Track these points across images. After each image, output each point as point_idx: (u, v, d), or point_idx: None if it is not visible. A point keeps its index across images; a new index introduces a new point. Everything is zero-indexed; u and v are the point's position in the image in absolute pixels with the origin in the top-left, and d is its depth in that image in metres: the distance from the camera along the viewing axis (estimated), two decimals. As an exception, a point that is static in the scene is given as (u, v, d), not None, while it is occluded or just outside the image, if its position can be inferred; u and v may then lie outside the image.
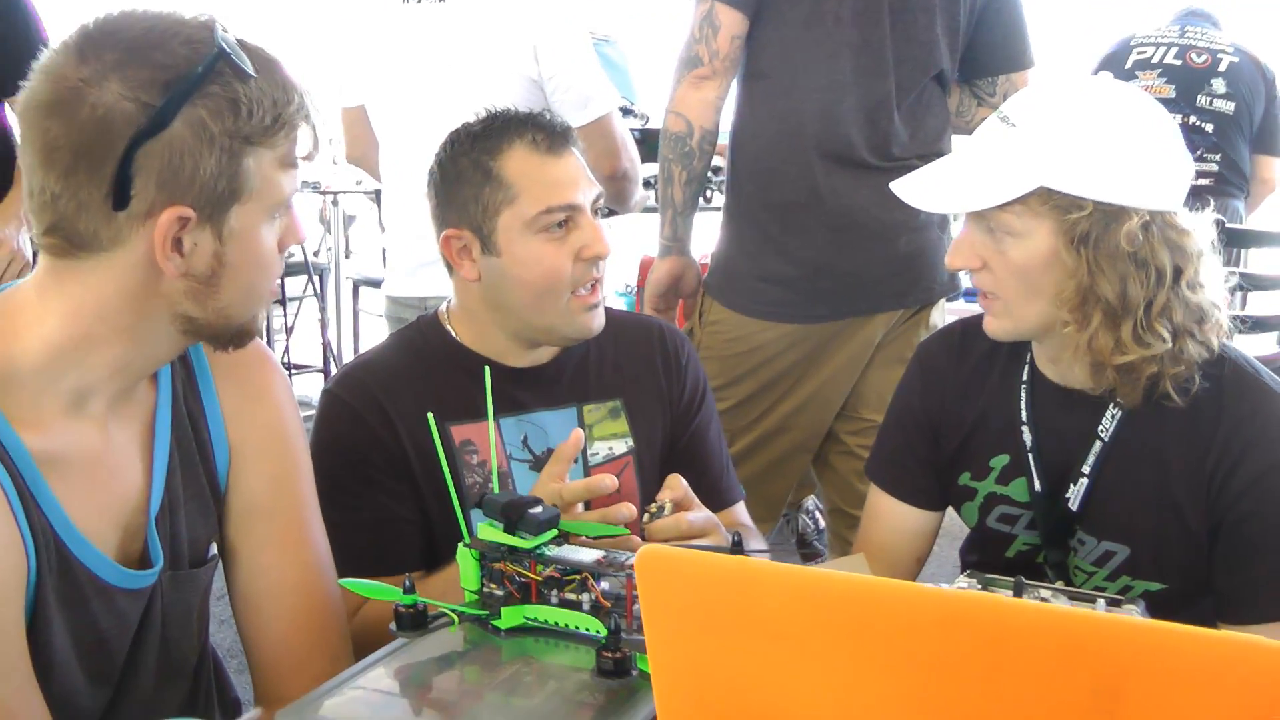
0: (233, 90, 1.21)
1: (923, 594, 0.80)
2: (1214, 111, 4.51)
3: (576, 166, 1.83)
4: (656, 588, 0.88)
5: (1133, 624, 0.75)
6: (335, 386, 1.89)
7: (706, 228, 2.89)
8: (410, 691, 1.23)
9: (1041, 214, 1.58)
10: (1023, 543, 1.81)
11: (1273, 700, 0.70)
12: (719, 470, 2.03)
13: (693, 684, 0.89)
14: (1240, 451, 1.62)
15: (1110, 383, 1.64)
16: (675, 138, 2.61)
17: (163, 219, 1.20)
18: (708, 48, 2.54)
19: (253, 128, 1.22)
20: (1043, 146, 1.58)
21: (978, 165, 1.65)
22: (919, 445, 1.90)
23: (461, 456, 1.84)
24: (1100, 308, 1.58)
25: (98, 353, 1.27)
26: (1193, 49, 4.54)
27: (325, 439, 1.84)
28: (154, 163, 1.19)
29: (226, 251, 1.26)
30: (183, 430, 1.43)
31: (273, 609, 1.50)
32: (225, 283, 1.27)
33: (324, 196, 6.52)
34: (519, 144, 1.80)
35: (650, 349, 2.03)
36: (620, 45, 5.57)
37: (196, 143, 1.20)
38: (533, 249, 1.79)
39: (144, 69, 1.18)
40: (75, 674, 1.31)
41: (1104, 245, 1.56)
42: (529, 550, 1.32)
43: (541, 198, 1.78)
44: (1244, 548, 1.64)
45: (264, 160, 1.25)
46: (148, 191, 1.20)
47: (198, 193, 1.21)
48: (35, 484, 1.24)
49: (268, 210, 1.28)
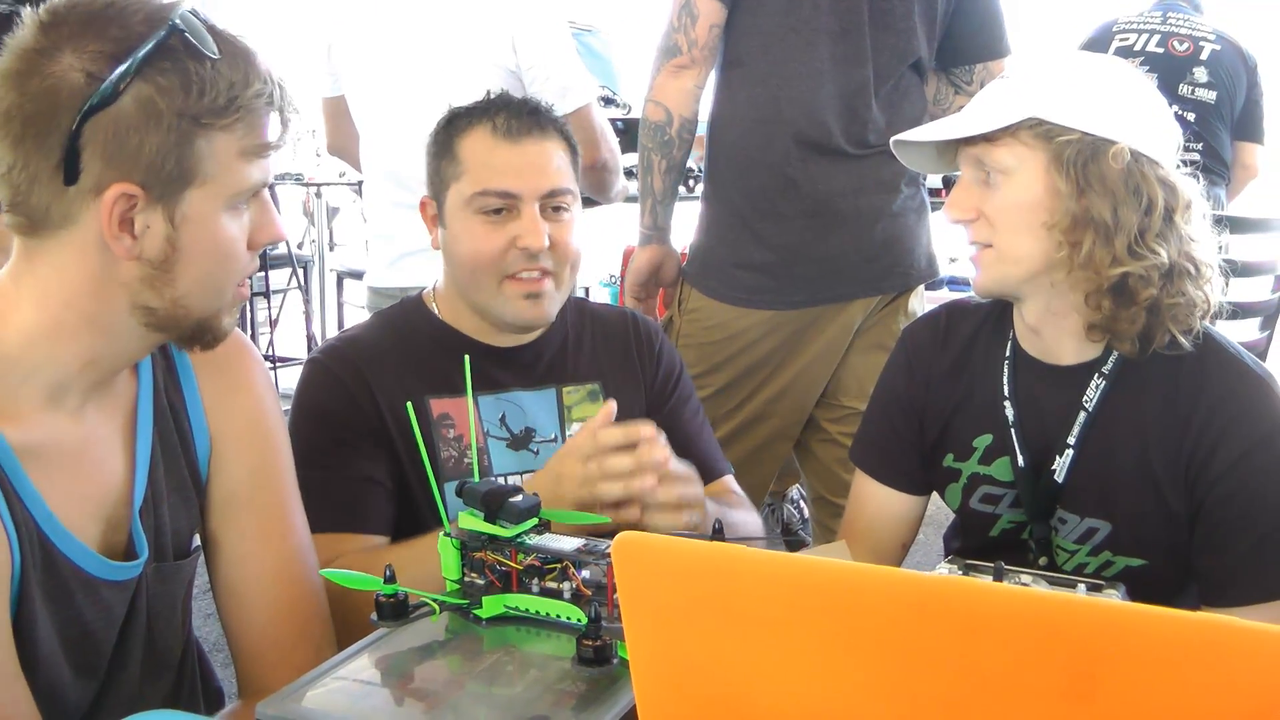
0: (185, 69, 1.20)
1: (900, 579, 0.80)
2: (1196, 100, 4.52)
3: (531, 157, 1.84)
4: (634, 575, 0.88)
5: (1108, 606, 0.75)
6: (320, 354, 1.93)
7: (686, 217, 2.89)
8: (391, 681, 1.23)
9: (1032, 145, 1.62)
10: (1007, 521, 1.82)
11: (1248, 681, 0.70)
12: (703, 445, 2.04)
13: (671, 670, 0.89)
14: (1219, 433, 1.63)
15: (1107, 318, 1.64)
16: (654, 126, 2.61)
17: (108, 195, 1.20)
18: (686, 36, 2.54)
19: (203, 108, 1.21)
20: (1034, 85, 1.64)
21: (973, 111, 1.70)
22: (903, 429, 1.91)
23: (439, 430, 1.86)
24: (1093, 227, 1.60)
25: (68, 344, 1.27)
26: (1174, 36, 4.55)
27: (306, 403, 1.87)
28: (100, 136, 1.18)
29: (179, 236, 1.24)
30: (164, 422, 1.43)
31: (255, 600, 1.50)
32: (180, 270, 1.26)
33: (307, 189, 6.51)
34: (481, 125, 1.85)
35: (626, 337, 2.06)
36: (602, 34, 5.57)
37: (143, 118, 1.19)
38: (468, 227, 1.84)
39: (96, 41, 1.18)
40: (61, 667, 1.31)
41: (1093, 168, 1.59)
42: (510, 539, 1.32)
43: (481, 179, 1.82)
44: (1223, 529, 1.65)
45: (219, 144, 1.23)
46: (94, 166, 1.19)
47: (144, 170, 1.20)
48: (16, 476, 1.24)
49: (226, 198, 1.26)
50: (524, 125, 1.84)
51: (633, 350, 2.05)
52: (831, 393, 2.76)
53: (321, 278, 6.25)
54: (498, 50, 2.77)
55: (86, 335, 1.27)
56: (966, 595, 0.78)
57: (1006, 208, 1.65)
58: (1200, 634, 0.71)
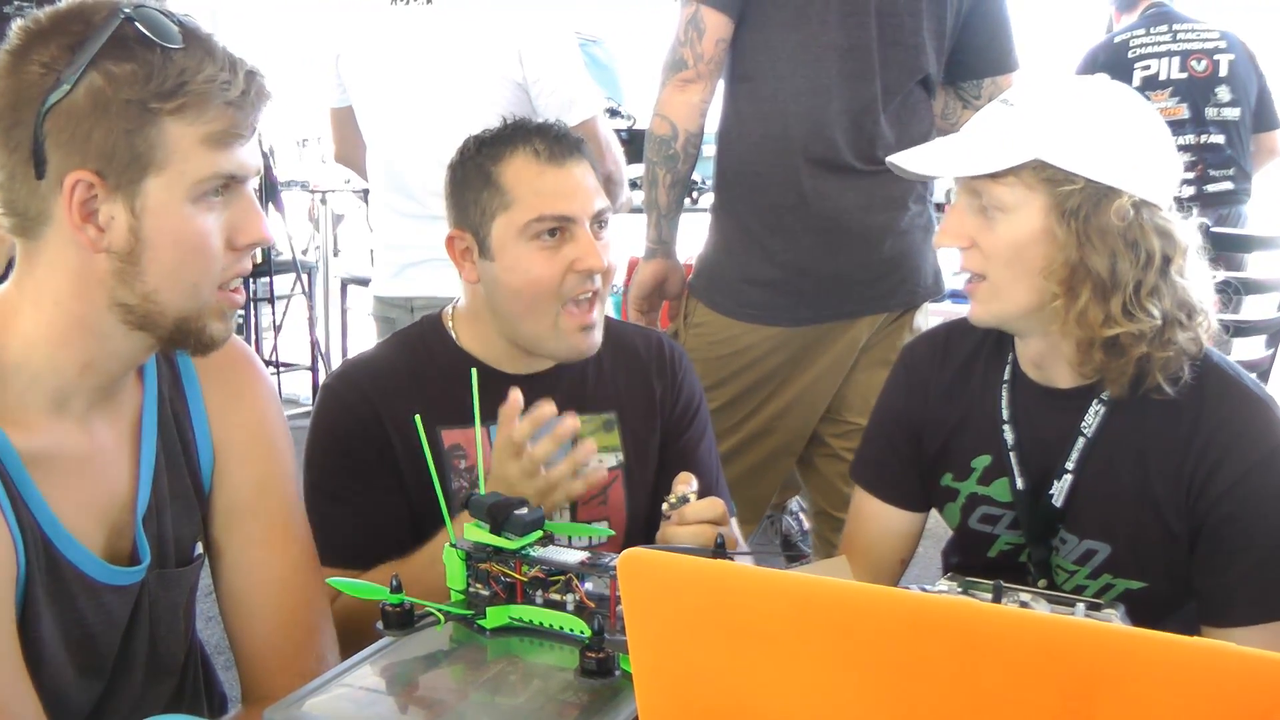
0: (135, 56, 1.22)
1: (900, 598, 0.81)
2: (1223, 121, 4.58)
3: (578, 178, 1.82)
4: (639, 590, 0.89)
5: (1105, 630, 0.76)
6: (333, 380, 1.92)
7: (691, 230, 2.90)
8: (396, 690, 1.24)
9: (1034, 187, 1.60)
10: (1005, 542, 1.82)
11: (1244, 706, 0.71)
12: (709, 483, 2.01)
13: (674, 685, 0.90)
14: (1220, 454, 1.63)
15: (1097, 367, 1.64)
16: (659, 140, 2.60)
17: (66, 183, 1.21)
18: (693, 51, 2.53)
19: (149, 93, 1.22)
20: (1039, 122, 1.61)
21: (974, 139, 1.67)
22: (902, 447, 1.91)
23: (450, 460, 1.84)
24: (1090, 281, 1.59)
25: (64, 348, 1.28)
26: (1191, 54, 4.59)
27: (318, 431, 1.86)
28: (57, 127, 1.21)
29: (141, 226, 1.25)
30: (168, 431, 1.44)
31: (259, 607, 1.51)
32: (147, 263, 1.26)
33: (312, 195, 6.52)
34: (521, 151, 1.80)
35: (648, 359, 2.03)
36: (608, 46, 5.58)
37: (93, 106, 1.20)
38: (523, 256, 1.79)
39: (58, 37, 1.21)
40: (65, 669, 1.32)
41: (1094, 221, 1.57)
42: (514, 551, 1.33)
43: (534, 206, 1.78)
44: (1223, 550, 1.65)
45: (171, 131, 1.23)
46: (55, 157, 1.21)
47: (96, 157, 1.22)
48: (22, 482, 1.25)
49: (188, 187, 1.26)
50: (563, 148, 1.81)
51: (653, 375, 2.02)
52: (836, 408, 2.75)
53: (326, 284, 6.27)
54: (504, 62, 2.78)
55: (78, 337, 1.28)
56: (965, 616, 0.79)
57: (1002, 245, 1.63)
58: (1197, 658, 0.72)
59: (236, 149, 1.28)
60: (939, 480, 1.87)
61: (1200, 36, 4.61)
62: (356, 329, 6.18)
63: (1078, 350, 1.65)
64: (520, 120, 1.88)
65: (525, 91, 2.80)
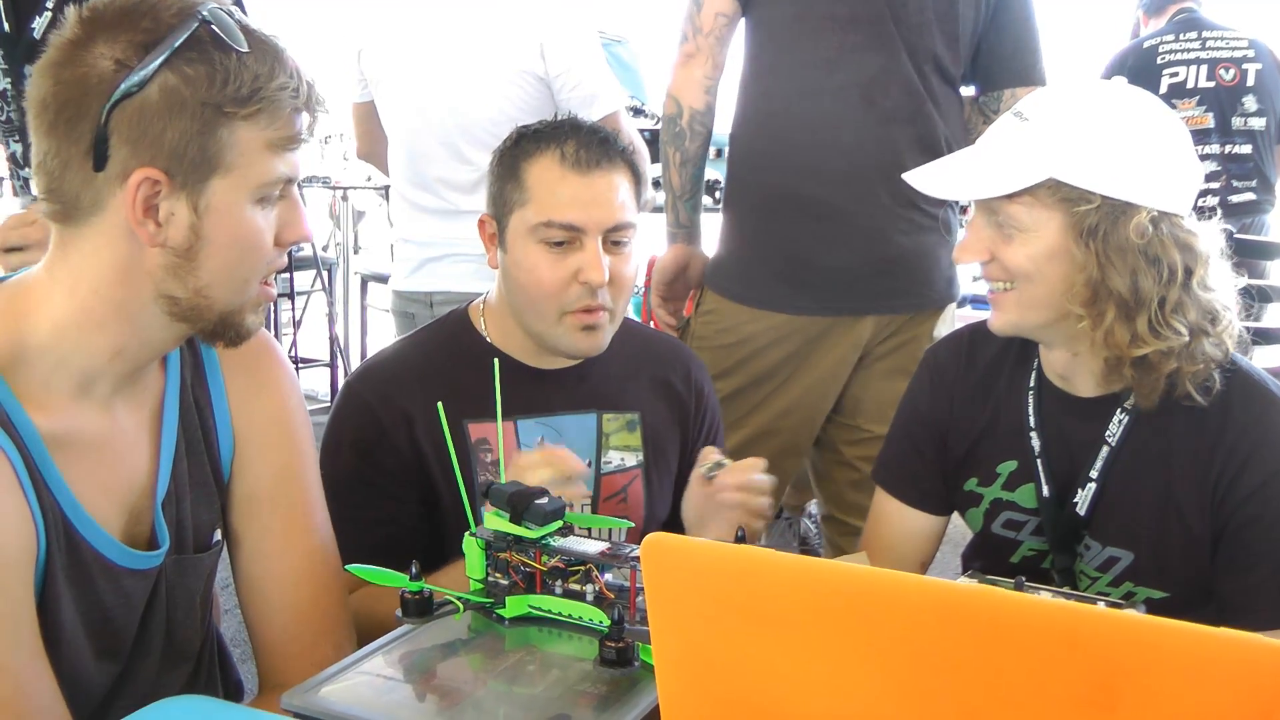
0: (210, 59, 1.23)
1: (924, 585, 0.80)
2: (1249, 131, 4.57)
3: (599, 190, 1.80)
4: (661, 575, 0.88)
5: (1130, 619, 0.76)
6: (355, 380, 1.91)
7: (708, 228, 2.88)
8: (413, 678, 1.24)
9: (1050, 206, 1.58)
10: (1028, 548, 1.82)
11: (1268, 696, 0.71)
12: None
13: (696, 670, 0.90)
14: (1245, 457, 1.63)
15: (1127, 382, 1.63)
16: (667, 120, 2.59)
17: (132, 179, 1.22)
18: (692, 24, 2.52)
19: (225, 97, 1.23)
20: (1054, 140, 1.59)
21: (989, 156, 1.65)
22: (926, 449, 1.90)
23: (476, 455, 1.84)
24: (1113, 301, 1.58)
25: (97, 333, 1.29)
26: (1219, 63, 4.57)
27: (337, 433, 1.86)
28: (126, 123, 1.21)
29: (203, 225, 1.26)
30: (189, 419, 1.44)
31: (277, 596, 1.51)
32: (204, 259, 1.28)
33: (334, 191, 6.54)
34: (550, 152, 1.81)
35: (672, 375, 2.04)
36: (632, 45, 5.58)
37: (166, 106, 1.21)
38: (530, 256, 1.81)
39: (128, 33, 1.22)
40: (83, 649, 1.33)
41: (1113, 239, 1.56)
42: (534, 540, 1.33)
43: (546, 210, 1.79)
44: (1246, 553, 1.64)
45: (242, 134, 1.25)
46: (121, 152, 1.22)
47: (167, 156, 1.23)
48: (44, 463, 1.26)
49: (251, 190, 1.28)
50: (593, 156, 1.80)
51: (678, 389, 2.03)
52: (850, 414, 2.73)
53: (346, 280, 6.28)
54: (526, 57, 2.78)
55: (114, 324, 1.29)
56: (989, 604, 0.78)
57: (1021, 261, 1.62)
58: (1219, 648, 0.72)
59: (295, 153, 1.31)
60: (963, 485, 1.86)
61: (1229, 45, 4.60)
62: (376, 326, 6.19)
63: (1106, 366, 1.64)
64: (567, 120, 1.88)
65: (547, 86, 2.80)
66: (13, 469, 1.22)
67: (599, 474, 1.92)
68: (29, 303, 1.29)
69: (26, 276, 1.33)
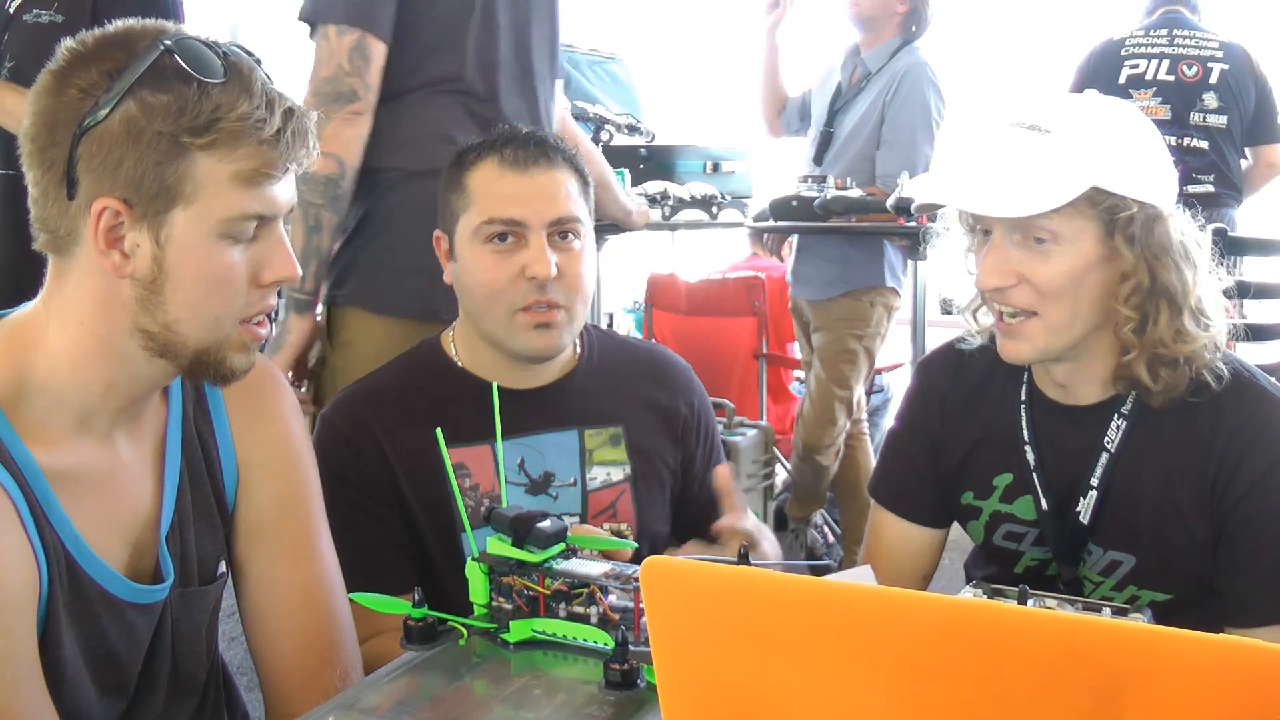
0: (170, 88, 1.23)
1: (926, 602, 0.80)
2: (1207, 128, 4.56)
3: (539, 185, 1.82)
4: (662, 599, 0.88)
5: (1132, 628, 0.76)
6: (330, 411, 1.92)
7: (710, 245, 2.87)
8: (419, 705, 1.24)
9: (1088, 216, 1.58)
10: (1031, 559, 1.81)
11: (1273, 703, 0.70)
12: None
13: (698, 693, 0.89)
14: (1240, 454, 1.63)
15: (1144, 383, 1.63)
16: (326, 181, 2.26)
17: (93, 208, 1.23)
18: (362, 81, 2.27)
19: (180, 127, 1.23)
20: (1088, 149, 1.58)
21: (1015, 171, 1.59)
22: (920, 463, 1.89)
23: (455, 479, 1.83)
24: (1165, 299, 1.59)
25: (88, 368, 1.29)
26: (1183, 59, 4.57)
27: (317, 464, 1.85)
28: (89, 152, 1.22)
29: (165, 257, 1.26)
30: (192, 450, 1.44)
31: (282, 625, 1.51)
32: (169, 293, 1.27)
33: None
34: (489, 158, 1.84)
35: (662, 387, 2.02)
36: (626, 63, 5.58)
37: (126, 134, 1.22)
38: (477, 258, 1.83)
39: (101, 62, 1.23)
40: (86, 687, 1.32)
41: (1154, 240, 1.58)
42: (537, 564, 1.33)
43: (487, 208, 1.81)
44: (1246, 549, 1.64)
45: (201, 166, 1.24)
46: (85, 181, 1.23)
47: (125, 185, 1.23)
48: (45, 499, 1.26)
49: (215, 223, 1.26)
50: (531, 155, 1.82)
51: (664, 401, 2.01)
52: None
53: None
54: None
55: (101, 358, 1.29)
56: (992, 618, 0.78)
57: (1059, 276, 1.59)
58: (1222, 655, 0.72)
59: (267, 188, 1.28)
60: (959, 498, 1.86)
61: (1198, 44, 4.60)
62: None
63: (1118, 371, 1.65)
64: (505, 129, 1.90)
65: None
66: (14, 505, 1.22)
67: (585, 491, 1.91)
68: (26, 338, 1.29)
69: (26, 310, 1.33)
